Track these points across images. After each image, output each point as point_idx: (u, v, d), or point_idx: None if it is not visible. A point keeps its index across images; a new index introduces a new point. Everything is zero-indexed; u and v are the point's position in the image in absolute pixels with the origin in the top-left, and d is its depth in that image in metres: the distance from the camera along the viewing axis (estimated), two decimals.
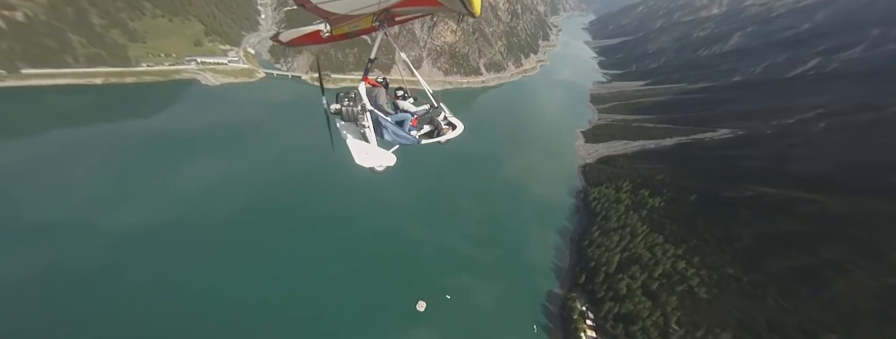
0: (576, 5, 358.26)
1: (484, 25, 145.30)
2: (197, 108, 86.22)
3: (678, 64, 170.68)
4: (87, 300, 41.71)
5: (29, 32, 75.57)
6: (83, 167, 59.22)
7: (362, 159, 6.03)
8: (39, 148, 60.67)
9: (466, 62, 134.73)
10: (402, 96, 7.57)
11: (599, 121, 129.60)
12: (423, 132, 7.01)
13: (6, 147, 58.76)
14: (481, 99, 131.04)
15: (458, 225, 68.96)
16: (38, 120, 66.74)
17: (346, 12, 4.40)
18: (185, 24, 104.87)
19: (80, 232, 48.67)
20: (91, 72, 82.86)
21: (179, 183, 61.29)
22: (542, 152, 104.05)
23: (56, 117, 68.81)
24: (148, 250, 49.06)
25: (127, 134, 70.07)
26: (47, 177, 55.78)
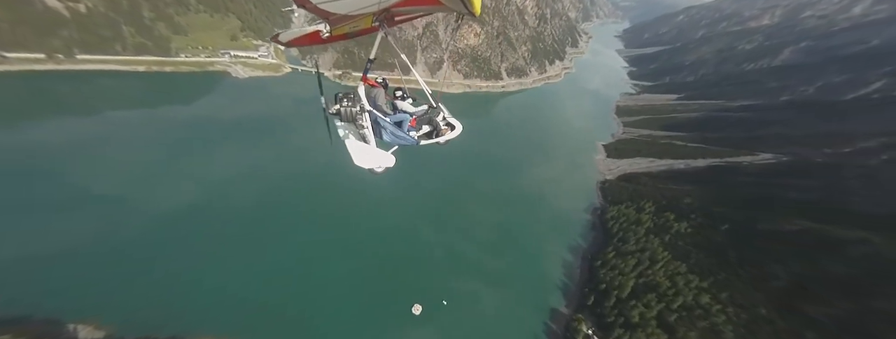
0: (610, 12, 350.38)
1: (509, 29, 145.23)
2: (227, 98, 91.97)
3: (718, 78, 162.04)
4: (117, 269, 45.22)
5: (88, 22, 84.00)
6: (126, 147, 64.52)
7: (361, 160, 6.12)
8: (90, 127, 66.88)
9: (488, 66, 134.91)
10: (401, 97, 7.63)
11: (624, 135, 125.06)
12: (422, 133, 7.06)
13: (63, 125, 65.29)
14: (502, 104, 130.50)
15: (470, 230, 68.85)
16: (89, 101, 73.88)
17: (345, 12, 4.44)
18: (223, 19, 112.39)
19: (119, 207, 52.90)
20: (135, 60, 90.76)
21: (207, 169, 65.06)
22: (561, 163, 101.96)
23: (105, 100, 75.78)
24: (172, 231, 52.38)
25: (165, 119, 75.72)
26: (95, 154, 61.17)
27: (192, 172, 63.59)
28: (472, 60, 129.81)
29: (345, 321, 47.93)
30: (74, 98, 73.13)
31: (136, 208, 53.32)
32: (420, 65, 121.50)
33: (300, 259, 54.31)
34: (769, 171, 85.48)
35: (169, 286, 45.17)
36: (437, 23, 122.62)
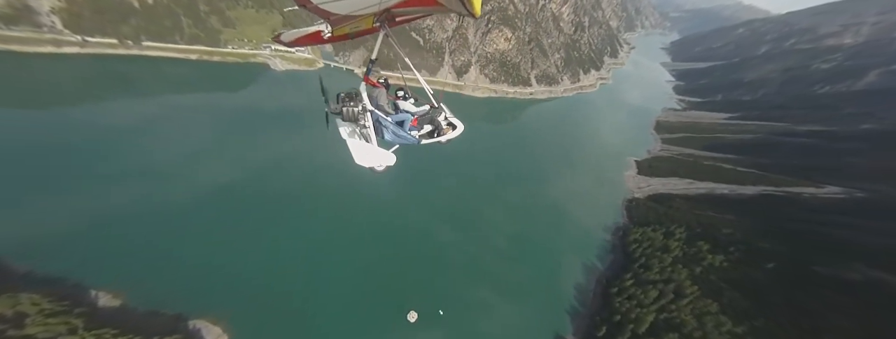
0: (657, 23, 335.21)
1: (542, 35, 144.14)
2: (266, 89, 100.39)
3: (782, 99, 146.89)
4: (146, 241, 49.48)
5: (154, 13, 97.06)
6: (179, 128, 72.01)
7: (362, 159, 6.31)
8: (150, 108, 75.66)
9: (517, 72, 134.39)
10: (403, 97, 7.82)
11: (661, 152, 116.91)
12: (424, 132, 7.23)
13: (129, 104, 74.88)
14: (529, 111, 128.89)
15: (486, 235, 68.19)
16: (151, 84, 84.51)
17: (346, 13, 4.55)
18: (268, 15, 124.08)
19: (164, 183, 58.56)
20: (189, 49, 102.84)
21: (246, 154, 70.18)
22: (588, 177, 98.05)
23: (164, 84, 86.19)
24: (203, 210, 56.44)
25: (212, 105, 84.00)
26: (154, 132, 68.67)
27: (232, 156, 68.88)
28: (501, 64, 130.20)
29: (341, 320, 48.41)
30: (139, 80, 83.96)
31: (178, 186, 58.51)
32: (447, 67, 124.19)
33: (314, 249, 56.09)
34: (836, 207, 74.84)
35: (187, 264, 48.43)
36: (467, 26, 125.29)
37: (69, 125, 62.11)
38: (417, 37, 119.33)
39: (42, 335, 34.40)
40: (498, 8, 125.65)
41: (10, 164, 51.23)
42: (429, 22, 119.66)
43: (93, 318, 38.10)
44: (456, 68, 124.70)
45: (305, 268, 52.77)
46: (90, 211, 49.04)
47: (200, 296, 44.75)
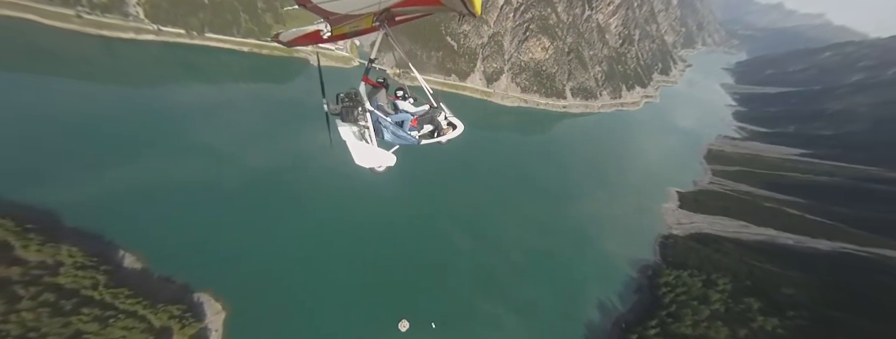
0: (722, 40, 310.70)
1: (584, 47, 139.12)
2: (308, 82, 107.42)
3: (873, 138, 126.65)
4: (183, 212, 53.79)
5: (218, 7, 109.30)
6: (233, 112, 79.48)
7: (362, 160, 6.37)
8: (210, 92, 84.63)
9: (551, 83, 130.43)
10: (403, 97, 7.86)
11: (710, 185, 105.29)
12: (424, 132, 7.27)
13: (192, 88, 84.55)
14: (562, 125, 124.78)
15: (503, 248, 66.58)
16: (211, 71, 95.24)
17: (346, 12, 4.60)
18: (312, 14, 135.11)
19: (214, 162, 64.12)
20: (243, 42, 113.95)
21: (286, 143, 74.07)
22: (621, 202, 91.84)
23: (222, 72, 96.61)
24: (240, 191, 60.31)
25: (261, 94, 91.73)
26: (213, 114, 76.15)
27: (274, 145, 72.90)
28: (535, 74, 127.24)
29: (334, 318, 48.33)
30: (201, 67, 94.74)
31: (224, 167, 63.18)
32: (478, 73, 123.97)
33: (325, 243, 57.18)
34: None
35: (208, 239, 51.39)
36: (504, 33, 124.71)
37: (142, 102, 71.03)
38: (452, 42, 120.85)
39: (69, 285, 38.19)
40: (538, 16, 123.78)
41: (90, 131, 59.51)
42: (466, 27, 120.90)
43: (114, 276, 41.67)
44: (487, 75, 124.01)
45: (313, 259, 53.93)
46: (144, 179, 54.60)
47: (212, 271, 47.28)
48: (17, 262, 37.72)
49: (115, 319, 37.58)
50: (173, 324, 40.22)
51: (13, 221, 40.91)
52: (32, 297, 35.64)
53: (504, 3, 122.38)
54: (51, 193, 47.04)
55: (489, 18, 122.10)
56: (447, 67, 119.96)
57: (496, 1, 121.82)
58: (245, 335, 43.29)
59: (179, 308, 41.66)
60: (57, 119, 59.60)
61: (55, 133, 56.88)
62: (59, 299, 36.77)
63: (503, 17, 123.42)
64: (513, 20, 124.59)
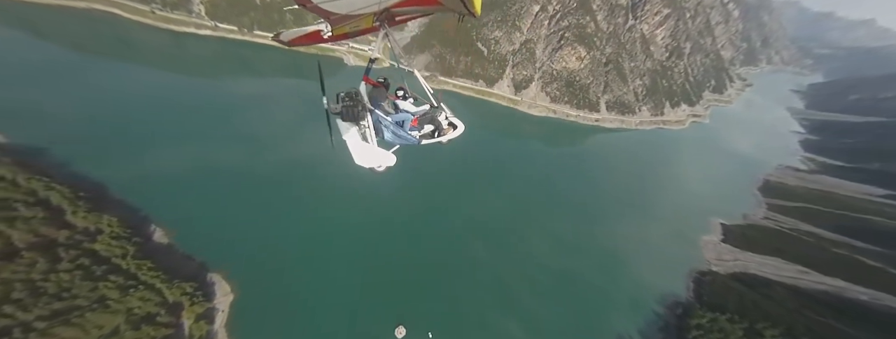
0: (793, 59, 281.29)
1: (624, 58, 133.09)
2: (342, 81, 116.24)
3: None
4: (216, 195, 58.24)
5: (268, 8, 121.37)
6: (276, 105, 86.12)
7: (362, 159, 6.52)
8: (257, 85, 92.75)
9: (584, 94, 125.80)
10: (403, 96, 8.05)
11: (763, 220, 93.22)
12: (424, 132, 7.40)
13: (246, 80, 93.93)
14: (594, 139, 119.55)
15: (523, 263, 64.64)
16: (258, 66, 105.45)
17: (346, 12, 4.72)
18: None
19: (255, 149, 69.52)
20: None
21: (315, 139, 78.26)
22: (656, 228, 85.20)
23: (267, 66, 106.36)
24: (272, 179, 64.47)
25: (299, 89, 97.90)
26: (260, 105, 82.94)
27: (311, 138, 75.39)
28: (567, 84, 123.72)
29: (333, 316, 48.82)
30: (251, 61, 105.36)
31: (266, 155, 68.20)
32: (506, 80, 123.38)
33: (342, 239, 58.61)
34: None
35: (233, 221, 55.07)
36: (537, 40, 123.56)
37: (198, 90, 79.84)
38: (483, 47, 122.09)
39: (103, 252, 42.49)
40: (575, 25, 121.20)
41: (151, 113, 67.70)
42: (497, 33, 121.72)
43: (142, 248, 45.76)
44: (515, 82, 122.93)
45: (328, 254, 55.34)
46: (186, 161, 60.32)
47: (229, 254, 50.26)
48: (66, 226, 42.78)
49: (134, 289, 40.85)
50: (185, 300, 42.81)
51: (69, 188, 46.83)
52: (71, 259, 39.97)
53: (539, 10, 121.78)
54: (106, 166, 53.27)
55: (522, 25, 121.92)
56: (475, 72, 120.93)
57: (530, 8, 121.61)
58: (248, 320, 44.89)
59: (192, 286, 44.35)
60: (127, 100, 68.59)
61: (122, 112, 65.26)
62: (92, 264, 40.86)
63: (537, 25, 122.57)
64: (547, 28, 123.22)
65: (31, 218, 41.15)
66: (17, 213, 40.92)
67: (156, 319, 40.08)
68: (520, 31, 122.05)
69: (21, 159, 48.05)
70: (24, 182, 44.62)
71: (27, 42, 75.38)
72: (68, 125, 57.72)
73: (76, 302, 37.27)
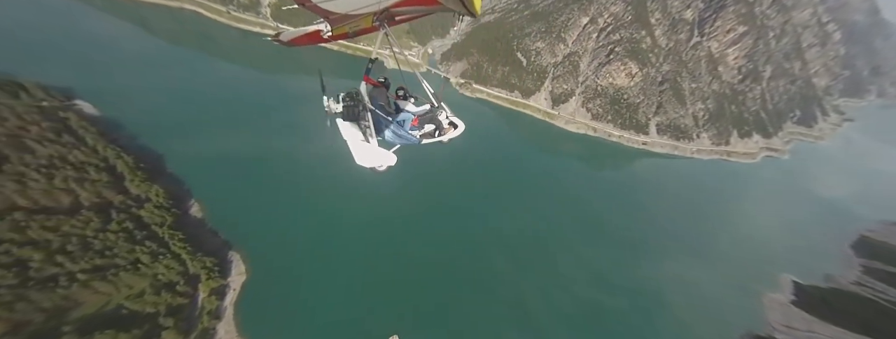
0: None
1: (683, 78, 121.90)
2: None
3: None
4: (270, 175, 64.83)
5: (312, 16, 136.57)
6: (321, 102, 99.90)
7: (363, 159, 6.68)
8: (309, 83, 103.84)
9: (632, 114, 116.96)
10: (403, 96, 8.19)
11: (853, 286, 75.87)
12: (425, 132, 7.58)
13: (300, 77, 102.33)
14: (642, 165, 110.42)
15: (551, 289, 61.84)
16: (312, 64, 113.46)
17: (345, 12, 4.80)
18: None
19: (304, 143, 69.29)
20: (336, 42, 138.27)
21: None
22: (710, 273, 75.61)
23: (323, 66, 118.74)
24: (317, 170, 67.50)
25: (343, 88, 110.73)
26: (308, 102, 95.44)
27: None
28: (612, 101, 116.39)
29: (334, 314, 49.61)
30: (303, 60, 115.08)
31: (312, 144, 71.13)
32: (544, 93, 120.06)
33: (363, 238, 60.23)
34: None
35: (264, 204, 59.41)
36: (582, 53, 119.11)
37: (259, 84, 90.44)
38: (522, 58, 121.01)
39: (146, 218, 48.37)
40: (628, 39, 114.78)
41: (217, 100, 77.25)
42: (539, 44, 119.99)
43: (178, 220, 51.09)
44: (554, 96, 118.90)
45: (341, 254, 56.79)
46: (238, 146, 67.09)
47: (251, 236, 54.03)
48: (123, 191, 49.58)
49: (163, 256, 45.27)
50: (203, 274, 46.37)
51: (133, 158, 54.46)
52: (119, 222, 45.78)
53: (588, 22, 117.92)
54: (167, 142, 61.37)
55: (567, 37, 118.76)
56: (511, 82, 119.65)
57: (578, 20, 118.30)
58: (254, 302, 47.26)
59: (212, 261, 48.04)
60: (198, 86, 79.15)
61: (192, 97, 75.21)
62: (135, 228, 46.41)
63: (585, 37, 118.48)
64: (596, 41, 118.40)
65: (98, 181, 48.33)
66: (88, 175, 48.34)
67: (175, 287, 43.84)
68: (564, 43, 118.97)
69: (104, 130, 57.20)
70: (101, 150, 52.88)
71: (136, 33, 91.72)
72: (148, 104, 67.98)
73: (115, 261, 42.18)
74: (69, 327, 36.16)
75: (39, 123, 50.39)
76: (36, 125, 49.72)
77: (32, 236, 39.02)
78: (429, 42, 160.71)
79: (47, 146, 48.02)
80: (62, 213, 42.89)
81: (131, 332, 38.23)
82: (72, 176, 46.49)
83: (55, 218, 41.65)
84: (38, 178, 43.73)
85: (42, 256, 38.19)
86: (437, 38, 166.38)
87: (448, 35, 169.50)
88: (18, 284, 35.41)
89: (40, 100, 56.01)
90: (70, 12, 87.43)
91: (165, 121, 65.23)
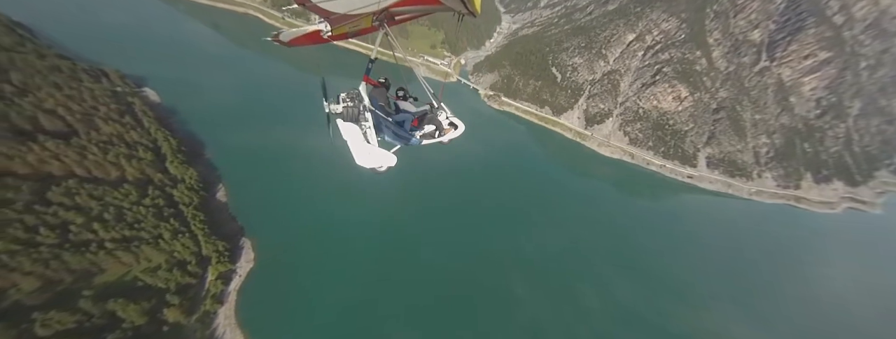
0: None
1: (745, 107, 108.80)
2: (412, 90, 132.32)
3: None
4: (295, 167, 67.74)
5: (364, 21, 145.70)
6: None
7: (363, 160, 6.73)
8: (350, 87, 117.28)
9: (678, 142, 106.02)
10: (403, 97, 8.33)
11: None
12: (424, 132, 7.73)
13: (340, 82, 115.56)
14: (688, 200, 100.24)
15: (574, 322, 58.86)
16: (353, 70, 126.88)
17: (345, 12, 4.89)
18: (435, 33, 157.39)
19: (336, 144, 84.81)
20: (369, 47, 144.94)
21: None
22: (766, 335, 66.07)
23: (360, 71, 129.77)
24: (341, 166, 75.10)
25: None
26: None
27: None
28: (655, 126, 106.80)
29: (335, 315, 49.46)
30: (346, 65, 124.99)
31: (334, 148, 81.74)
32: (577, 111, 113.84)
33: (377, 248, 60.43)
34: None
35: (283, 198, 61.40)
36: (624, 72, 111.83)
37: (304, 84, 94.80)
38: (557, 73, 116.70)
39: (176, 197, 52.06)
40: (679, 59, 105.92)
41: (263, 97, 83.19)
42: (577, 59, 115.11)
43: (203, 202, 54.56)
44: (588, 115, 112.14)
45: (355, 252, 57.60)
46: (273, 140, 71.14)
47: (266, 226, 56.34)
48: (162, 170, 54.15)
49: (182, 235, 47.98)
50: (214, 257, 48.40)
51: (177, 142, 59.82)
52: (152, 198, 49.52)
53: (634, 39, 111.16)
54: (210, 130, 66.99)
55: (609, 54, 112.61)
56: (542, 97, 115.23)
57: (624, 36, 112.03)
58: (257, 291, 48.43)
59: (225, 246, 50.19)
60: (252, 83, 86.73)
61: (244, 92, 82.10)
62: (165, 205, 50.01)
63: (629, 55, 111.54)
64: (641, 59, 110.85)
65: (144, 159, 53.09)
66: (137, 153, 53.34)
67: (186, 266, 45.80)
68: (605, 59, 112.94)
69: (159, 115, 64.16)
70: (153, 132, 58.94)
71: (208, 34, 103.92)
72: (204, 96, 75.01)
73: (140, 234, 45.14)
74: (90, 291, 38.75)
75: (109, 104, 57.66)
76: (106, 106, 56.82)
77: (79, 202, 43.08)
78: (462, 53, 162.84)
79: (110, 125, 54.19)
80: (108, 184, 47.36)
81: (140, 304, 39.96)
82: (123, 153, 51.61)
83: (101, 188, 45.96)
84: (96, 152, 48.88)
85: (82, 221, 41.84)
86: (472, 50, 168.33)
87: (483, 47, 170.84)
88: (57, 244, 38.79)
89: (116, 85, 64.75)
90: (158, 14, 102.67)
91: (214, 111, 71.65)
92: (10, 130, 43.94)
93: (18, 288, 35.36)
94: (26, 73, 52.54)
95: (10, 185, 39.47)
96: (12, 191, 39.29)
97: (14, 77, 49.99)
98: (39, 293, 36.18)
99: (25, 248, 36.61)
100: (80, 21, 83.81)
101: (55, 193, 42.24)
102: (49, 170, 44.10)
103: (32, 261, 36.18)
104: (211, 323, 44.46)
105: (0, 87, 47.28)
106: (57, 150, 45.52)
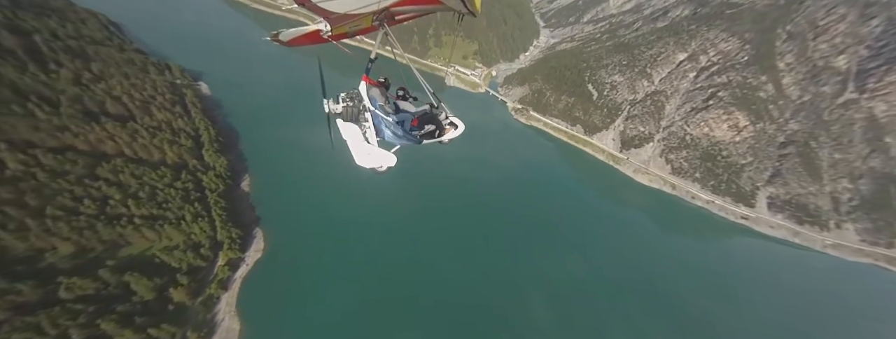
0: None
1: (823, 144, 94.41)
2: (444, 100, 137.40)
3: None
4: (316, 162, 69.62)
5: (402, 29, 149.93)
6: None
7: (363, 160, 7.02)
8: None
9: (732, 177, 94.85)
10: (403, 96, 8.49)
11: None
12: (424, 132, 7.86)
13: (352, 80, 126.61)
14: (741, 245, 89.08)
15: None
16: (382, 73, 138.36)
17: (345, 11, 5.02)
18: (468, 44, 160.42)
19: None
20: (402, 55, 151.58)
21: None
22: None
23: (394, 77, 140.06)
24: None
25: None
26: None
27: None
28: (704, 157, 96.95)
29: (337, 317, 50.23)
30: (379, 70, 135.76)
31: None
32: (612, 132, 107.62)
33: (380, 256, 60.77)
34: None
35: (303, 193, 64.69)
36: (671, 93, 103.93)
37: (338, 86, 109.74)
38: (593, 90, 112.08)
39: (205, 183, 57.39)
40: (739, 83, 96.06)
41: (300, 96, 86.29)
42: (617, 77, 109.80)
43: (227, 189, 59.71)
44: (625, 138, 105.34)
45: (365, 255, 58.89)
46: (302, 136, 72.70)
47: (281, 218, 59.44)
48: (198, 157, 60.40)
49: (202, 219, 52.43)
50: (226, 243, 52.02)
51: (216, 132, 66.51)
52: (183, 181, 55.08)
53: (686, 59, 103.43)
54: (248, 123, 73.05)
55: (654, 73, 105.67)
56: (574, 115, 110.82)
57: (673, 56, 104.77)
58: (261, 282, 50.78)
59: (238, 233, 53.91)
60: (295, 83, 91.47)
61: (286, 90, 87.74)
62: (193, 189, 55.23)
63: (678, 75, 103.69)
64: (692, 82, 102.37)
65: (184, 145, 59.49)
66: (179, 140, 60.02)
67: (200, 250, 49.65)
68: (649, 79, 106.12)
69: (206, 106, 71.78)
70: (197, 121, 66.07)
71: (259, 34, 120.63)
72: (250, 92, 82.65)
73: (166, 214, 50.00)
74: (112, 262, 43.33)
75: (165, 94, 65.96)
76: (162, 96, 65.08)
77: (121, 179, 49.08)
78: (495, 64, 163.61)
79: (163, 112, 61.76)
80: (149, 165, 53.43)
81: (153, 280, 43.65)
82: (168, 138, 58.25)
83: (142, 168, 51.93)
84: (145, 136, 55.77)
85: (120, 196, 47.39)
86: (506, 62, 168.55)
87: (517, 59, 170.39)
88: (94, 215, 44.22)
89: (176, 78, 73.94)
90: (229, 17, 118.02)
91: (256, 106, 78.61)
92: (81, 111, 51.80)
93: (55, 251, 40.49)
94: (105, 63, 62.22)
95: (69, 159, 45.97)
96: (70, 164, 45.72)
97: (94, 66, 59.41)
98: (71, 258, 40.98)
99: (68, 215, 42.08)
100: (164, 22, 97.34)
101: (104, 169, 48.19)
102: (104, 149, 50.83)
103: (71, 228, 41.24)
104: (213, 308, 47.10)
105: (81, 73, 56.45)
106: (113, 131, 52.41)
